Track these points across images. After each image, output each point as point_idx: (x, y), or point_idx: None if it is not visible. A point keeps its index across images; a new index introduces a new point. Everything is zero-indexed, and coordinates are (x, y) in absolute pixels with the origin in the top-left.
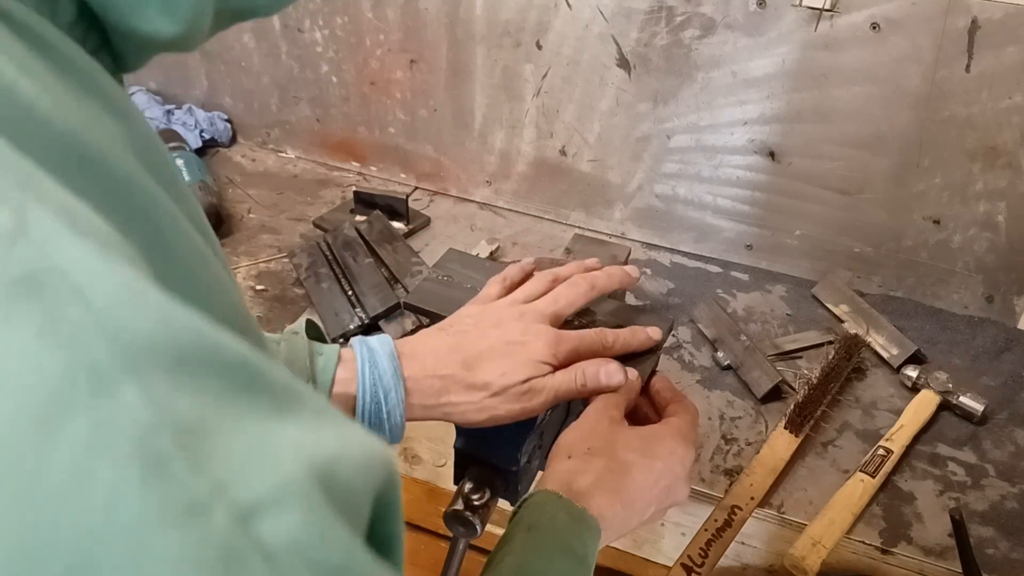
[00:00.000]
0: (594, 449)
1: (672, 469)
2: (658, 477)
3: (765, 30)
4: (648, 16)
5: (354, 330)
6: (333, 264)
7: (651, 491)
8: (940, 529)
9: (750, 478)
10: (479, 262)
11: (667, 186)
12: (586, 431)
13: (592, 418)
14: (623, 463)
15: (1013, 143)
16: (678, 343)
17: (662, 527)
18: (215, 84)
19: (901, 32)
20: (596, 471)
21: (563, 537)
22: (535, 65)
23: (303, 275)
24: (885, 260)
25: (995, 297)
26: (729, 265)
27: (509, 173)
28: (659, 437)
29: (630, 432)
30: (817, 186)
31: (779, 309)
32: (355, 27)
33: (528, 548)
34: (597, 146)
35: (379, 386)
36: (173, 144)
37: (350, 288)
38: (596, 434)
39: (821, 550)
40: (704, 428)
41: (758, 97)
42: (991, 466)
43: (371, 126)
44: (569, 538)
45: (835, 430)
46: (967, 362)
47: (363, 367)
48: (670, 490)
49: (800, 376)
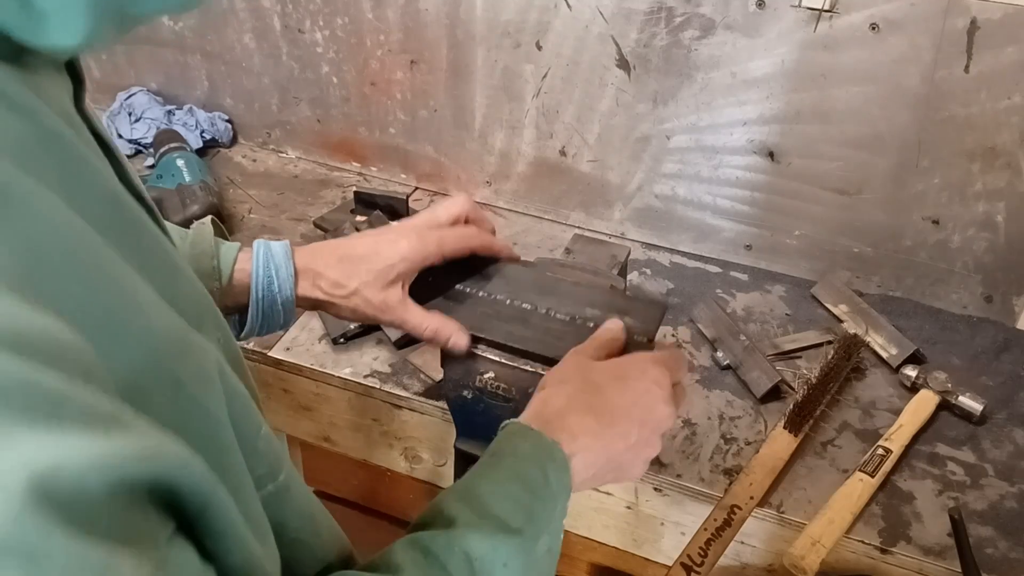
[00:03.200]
0: (566, 379)
1: (648, 388)
2: (634, 396)
3: (764, 31)
4: (648, 17)
5: (354, 330)
6: None
7: (629, 411)
8: (939, 529)
9: (749, 478)
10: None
11: (667, 186)
12: (559, 369)
13: (567, 360)
14: (595, 384)
15: (1012, 143)
16: (678, 343)
17: (661, 527)
18: (216, 85)
19: (900, 32)
20: (567, 394)
21: (519, 465)
22: (535, 65)
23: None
24: (884, 260)
25: (994, 297)
26: (728, 265)
27: (509, 173)
28: (630, 361)
29: (602, 363)
30: (816, 186)
31: (778, 309)
32: (355, 28)
33: (482, 471)
34: (597, 146)
35: (271, 263)
36: (174, 144)
37: None
38: (568, 369)
39: (820, 550)
40: (704, 428)
41: (757, 97)
42: (990, 466)
43: (371, 126)
44: (526, 467)
45: (834, 430)
46: (966, 362)
47: (259, 249)
48: (651, 411)
49: (799, 376)
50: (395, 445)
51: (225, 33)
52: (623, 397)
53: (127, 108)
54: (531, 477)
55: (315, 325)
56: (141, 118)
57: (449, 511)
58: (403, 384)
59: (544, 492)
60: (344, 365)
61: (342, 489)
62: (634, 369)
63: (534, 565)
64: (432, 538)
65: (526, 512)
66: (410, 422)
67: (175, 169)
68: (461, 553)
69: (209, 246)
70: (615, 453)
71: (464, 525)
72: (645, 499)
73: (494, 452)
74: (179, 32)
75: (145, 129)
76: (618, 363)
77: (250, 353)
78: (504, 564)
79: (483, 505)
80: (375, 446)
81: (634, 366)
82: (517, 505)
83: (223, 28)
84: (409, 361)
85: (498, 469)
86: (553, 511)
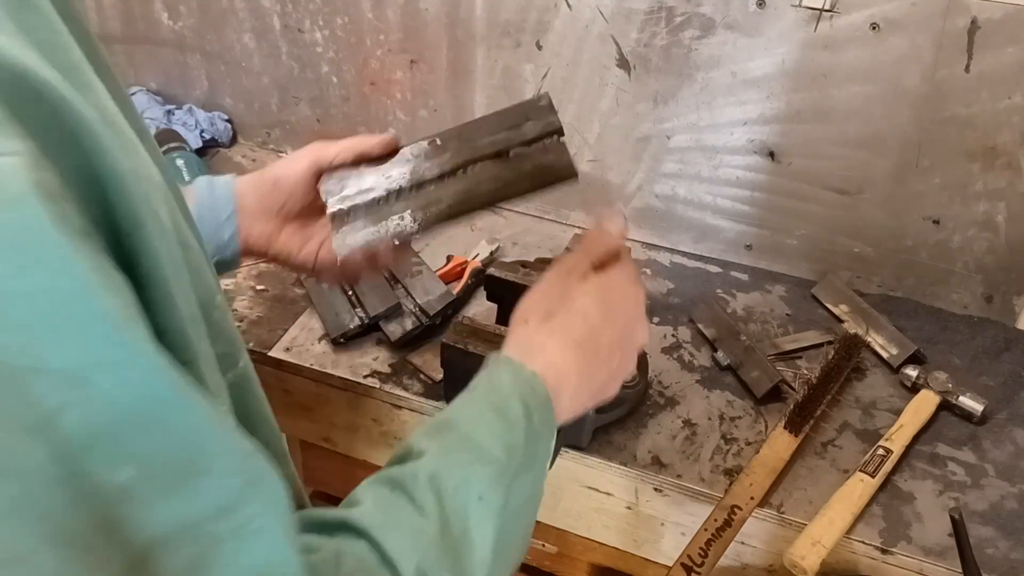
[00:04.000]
0: (551, 310)
1: (629, 311)
2: (620, 325)
3: (765, 30)
4: (648, 16)
5: (354, 330)
6: None
7: (614, 341)
8: (940, 529)
9: (750, 478)
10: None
11: (667, 186)
12: (546, 292)
13: (553, 278)
14: (581, 314)
15: (1013, 143)
16: (678, 343)
17: (662, 527)
18: (215, 84)
19: (901, 32)
20: (551, 328)
21: (498, 397)
22: (535, 65)
23: (303, 275)
24: (885, 260)
25: (994, 297)
26: (729, 265)
27: None
28: (613, 283)
29: (587, 284)
30: (817, 186)
31: (779, 309)
32: (355, 27)
33: (463, 403)
34: (597, 146)
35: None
36: (174, 144)
37: (350, 288)
38: (554, 295)
39: (821, 550)
40: (704, 428)
41: (758, 97)
42: (991, 466)
43: (371, 126)
44: (506, 399)
45: (835, 430)
46: (967, 362)
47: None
48: (632, 337)
49: (800, 376)
50: (395, 445)
51: (225, 33)
52: (609, 328)
53: None
54: (511, 410)
55: (315, 325)
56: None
57: (420, 444)
58: (403, 384)
59: (526, 427)
60: (344, 365)
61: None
62: (618, 293)
63: (514, 506)
64: (399, 470)
65: (505, 444)
66: (410, 422)
67: (175, 169)
68: (428, 482)
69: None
70: (598, 383)
71: (434, 455)
72: (645, 499)
73: (475, 387)
74: (179, 32)
75: None
76: (605, 287)
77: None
78: (479, 497)
79: (457, 435)
80: (375, 446)
81: (617, 288)
82: (494, 435)
83: (223, 28)
84: (409, 361)
85: (474, 401)
86: (535, 449)
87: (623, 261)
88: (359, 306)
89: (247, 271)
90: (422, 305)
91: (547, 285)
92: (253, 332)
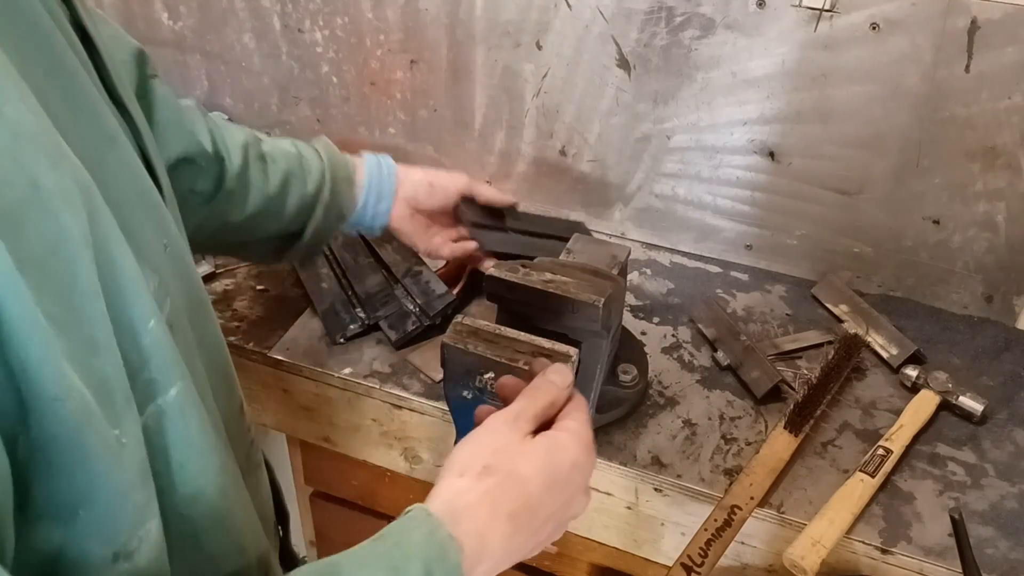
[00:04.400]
0: (490, 467)
1: (574, 482)
2: (559, 495)
3: (765, 30)
4: (648, 16)
5: (354, 330)
6: (333, 264)
7: (550, 507)
8: (940, 529)
9: (750, 478)
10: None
11: (667, 186)
12: (486, 444)
13: (498, 426)
14: (521, 480)
15: (1013, 143)
16: (678, 343)
17: (662, 527)
18: (215, 84)
19: (901, 32)
20: (487, 490)
21: (400, 556)
22: (535, 65)
23: (303, 275)
24: (885, 260)
25: (994, 297)
26: (729, 265)
27: (509, 173)
28: (563, 448)
29: (533, 446)
30: (817, 186)
31: (779, 309)
32: (355, 27)
33: (359, 552)
34: (597, 146)
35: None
36: None
37: (350, 288)
38: (497, 448)
39: (821, 550)
40: (704, 428)
41: (758, 97)
42: (991, 466)
43: (371, 126)
44: (407, 560)
45: (835, 430)
46: (967, 362)
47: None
48: (570, 504)
49: (800, 376)
50: (395, 445)
51: (225, 33)
52: (549, 500)
53: None
54: (407, 571)
55: (315, 325)
56: None
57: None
58: (403, 384)
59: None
60: (344, 365)
61: (342, 489)
62: (567, 462)
63: None
64: None
65: None
66: (410, 422)
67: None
68: None
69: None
70: (523, 553)
71: None
72: (645, 499)
73: (384, 535)
74: (179, 32)
75: None
76: (551, 451)
77: (250, 353)
78: None
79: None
80: (375, 446)
81: (566, 456)
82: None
83: (223, 28)
84: (409, 361)
85: (374, 553)
86: None
87: (578, 421)
88: (359, 306)
89: (247, 271)
90: (422, 305)
91: (489, 435)
92: (253, 332)
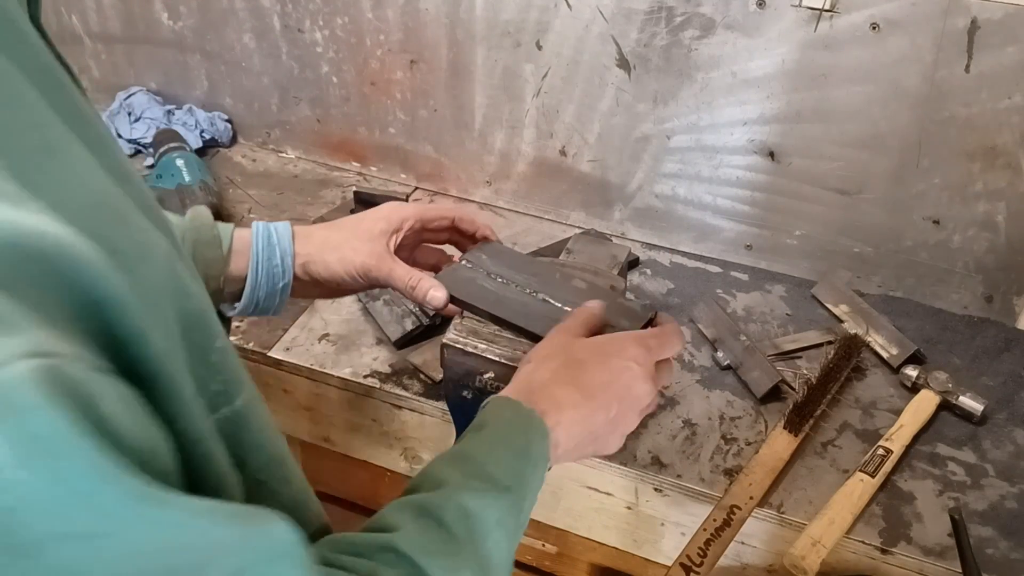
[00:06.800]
0: (551, 355)
1: (626, 366)
2: (613, 372)
3: (765, 30)
4: (648, 16)
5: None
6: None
7: (610, 385)
8: (940, 529)
9: (749, 478)
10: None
11: (667, 186)
12: (546, 343)
13: (554, 335)
14: (578, 360)
15: (1013, 143)
16: None
17: (662, 527)
18: (215, 84)
19: (901, 32)
20: (551, 368)
21: (504, 431)
22: (535, 65)
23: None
24: (885, 260)
25: (994, 297)
26: (729, 265)
27: (509, 173)
28: (611, 340)
29: (585, 340)
30: (817, 186)
31: (779, 309)
32: (355, 27)
33: (468, 439)
34: (597, 146)
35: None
36: (173, 144)
37: None
38: (553, 346)
39: (821, 550)
40: (704, 428)
41: (758, 97)
42: (991, 466)
43: (371, 126)
44: (510, 432)
45: (835, 430)
46: (967, 362)
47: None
48: (629, 388)
49: (800, 376)
50: (395, 445)
51: (225, 33)
52: (603, 373)
53: (126, 108)
54: (516, 441)
55: (315, 325)
56: (140, 118)
57: (439, 474)
58: (403, 384)
59: (527, 457)
60: (344, 365)
61: (342, 489)
62: (614, 347)
63: (520, 528)
64: (426, 498)
65: (515, 473)
66: (410, 422)
67: (174, 169)
68: (457, 508)
69: (208, 218)
70: (595, 426)
71: (456, 485)
72: (645, 499)
73: (478, 424)
74: (179, 32)
75: (144, 129)
76: (600, 340)
77: (250, 353)
78: (497, 522)
79: (474, 466)
80: (375, 446)
81: (614, 344)
82: (506, 466)
83: (223, 28)
84: (409, 361)
85: (483, 435)
86: (533, 477)
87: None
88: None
89: None
90: (422, 305)
91: (548, 340)
92: (253, 332)
